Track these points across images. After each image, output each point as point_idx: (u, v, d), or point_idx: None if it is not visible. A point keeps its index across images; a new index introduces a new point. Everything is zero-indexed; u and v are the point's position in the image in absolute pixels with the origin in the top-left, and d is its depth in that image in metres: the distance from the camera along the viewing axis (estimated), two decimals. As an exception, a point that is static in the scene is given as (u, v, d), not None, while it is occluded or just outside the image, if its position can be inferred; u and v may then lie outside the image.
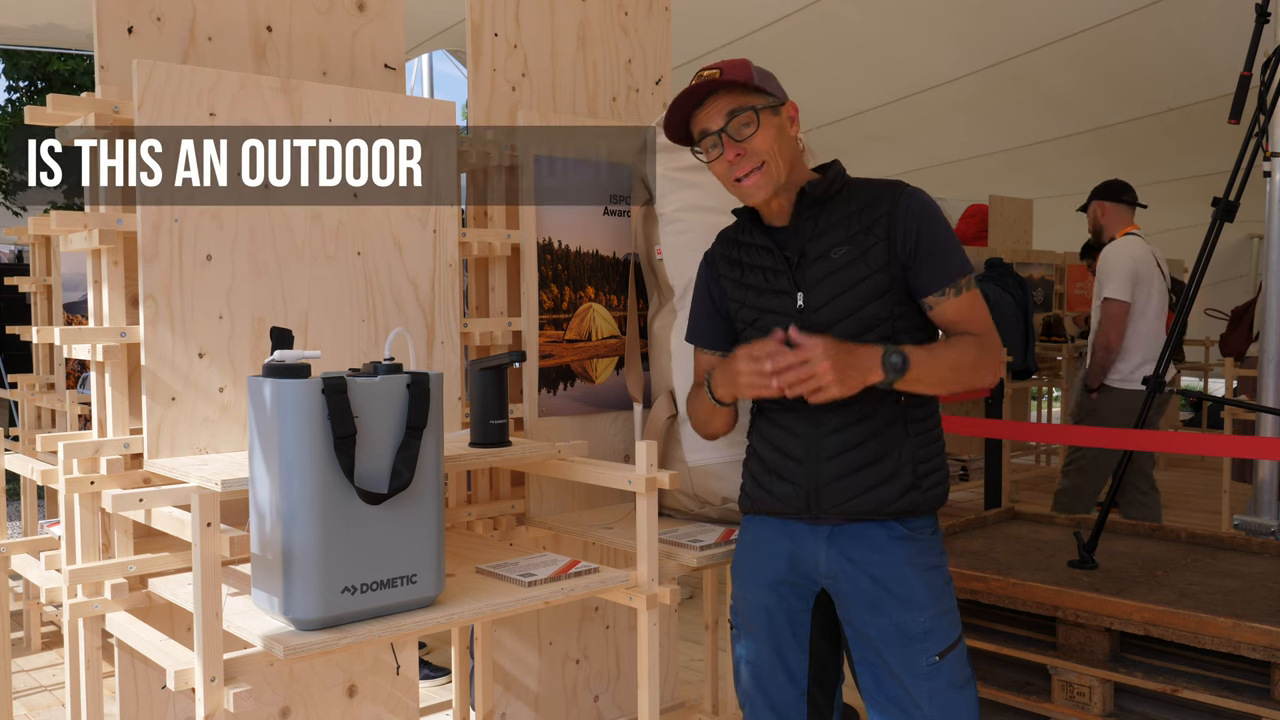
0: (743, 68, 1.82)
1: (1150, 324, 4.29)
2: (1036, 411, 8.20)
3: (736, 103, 1.81)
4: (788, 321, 1.84)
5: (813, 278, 1.84)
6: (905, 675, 1.82)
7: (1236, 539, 3.22)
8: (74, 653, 2.01)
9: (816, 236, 1.85)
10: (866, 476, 1.82)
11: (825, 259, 1.83)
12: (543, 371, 2.48)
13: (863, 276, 1.81)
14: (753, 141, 1.81)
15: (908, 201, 1.82)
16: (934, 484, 1.87)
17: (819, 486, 1.84)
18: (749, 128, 1.81)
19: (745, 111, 1.81)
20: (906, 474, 1.83)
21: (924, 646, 1.81)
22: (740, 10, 5.78)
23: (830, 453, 1.84)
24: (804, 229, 1.86)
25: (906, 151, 8.48)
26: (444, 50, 7.33)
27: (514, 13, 2.52)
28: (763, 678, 1.96)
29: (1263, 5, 3.28)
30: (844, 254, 1.82)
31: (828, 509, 1.84)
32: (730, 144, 1.82)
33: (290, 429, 1.57)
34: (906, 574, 1.82)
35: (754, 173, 1.82)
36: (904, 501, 1.83)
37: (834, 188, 1.86)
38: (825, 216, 1.85)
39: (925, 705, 1.81)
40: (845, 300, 1.81)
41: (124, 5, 1.97)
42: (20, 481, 4.43)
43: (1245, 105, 3.19)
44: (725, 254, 1.99)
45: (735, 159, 1.82)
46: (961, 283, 1.82)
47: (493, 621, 2.50)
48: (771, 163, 1.82)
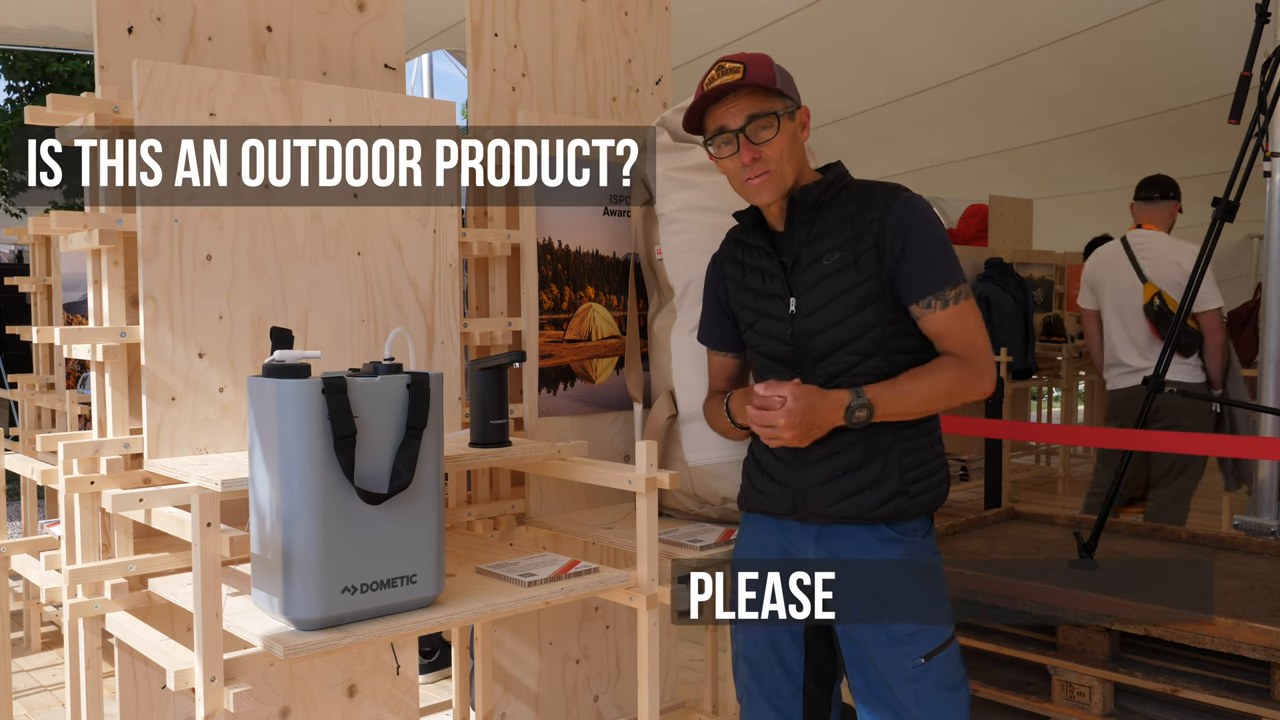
0: (766, 68, 1.82)
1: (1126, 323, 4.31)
2: (1036, 411, 8.20)
3: (759, 106, 1.81)
4: (782, 327, 1.86)
5: (805, 283, 1.85)
6: (892, 676, 1.82)
7: (1236, 539, 3.21)
8: (74, 653, 2.01)
9: (810, 242, 1.85)
10: (851, 481, 1.83)
11: (817, 265, 1.84)
12: (543, 371, 2.48)
13: (853, 283, 1.81)
14: (770, 146, 1.82)
15: (899, 207, 1.81)
16: (923, 490, 1.86)
17: (805, 489, 1.86)
18: (767, 131, 1.81)
19: (766, 116, 1.81)
20: (893, 480, 1.83)
21: (910, 648, 1.81)
22: (740, 10, 5.78)
23: (816, 457, 1.84)
24: (799, 234, 1.87)
25: (906, 151, 8.48)
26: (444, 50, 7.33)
27: (514, 13, 2.52)
28: (760, 672, 1.97)
29: (1263, 5, 3.27)
30: (836, 260, 1.82)
31: (814, 511, 1.86)
32: (746, 145, 1.82)
33: (290, 429, 1.57)
34: (894, 576, 1.82)
35: (764, 175, 1.83)
36: (889, 508, 1.83)
37: (829, 192, 1.86)
38: (820, 221, 1.85)
39: (912, 707, 1.81)
40: (835, 307, 1.82)
41: (124, 5, 1.97)
42: (20, 481, 4.43)
43: (1245, 105, 3.19)
44: (730, 255, 2.01)
45: (750, 161, 1.82)
46: (950, 294, 1.80)
47: (493, 621, 2.50)
48: (782, 168, 1.83)
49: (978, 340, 1.83)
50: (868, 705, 1.86)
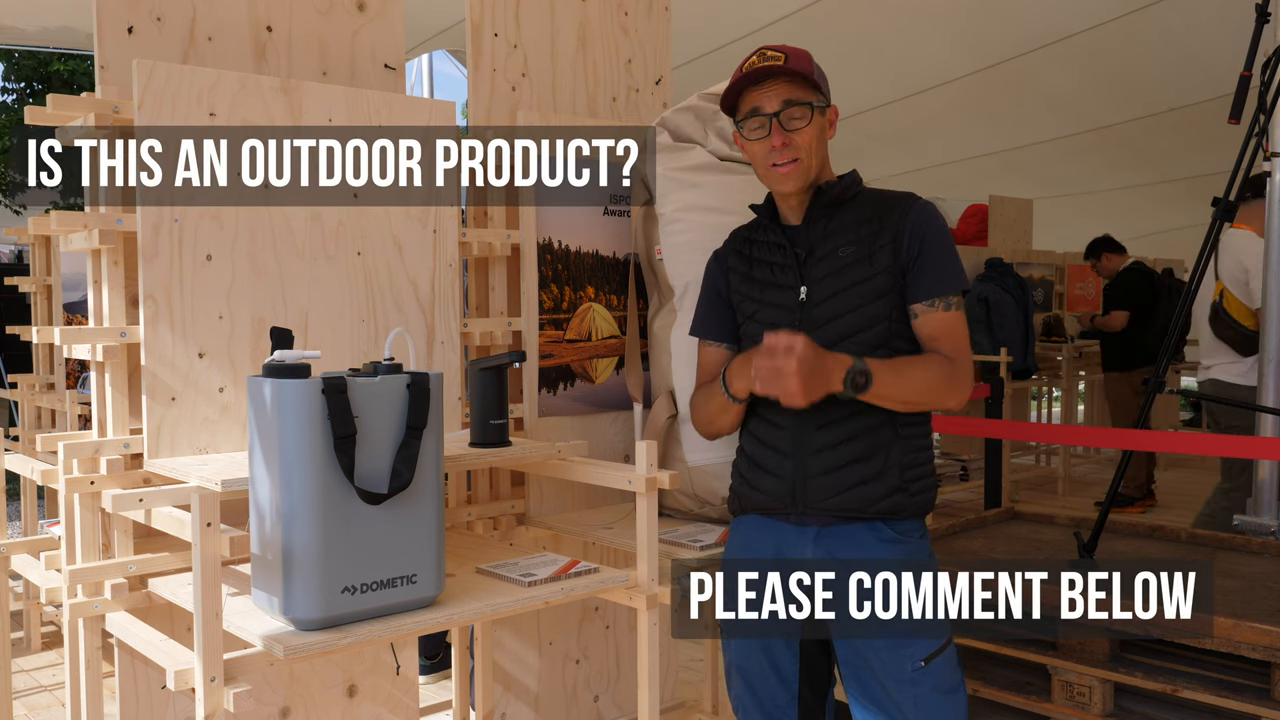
0: (806, 61, 1.87)
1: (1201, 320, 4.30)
2: (1036, 411, 8.20)
3: (795, 94, 1.85)
4: (786, 315, 1.87)
5: (818, 273, 1.87)
6: (889, 680, 1.81)
7: (1236, 539, 3.21)
8: (74, 653, 2.01)
9: (826, 236, 1.89)
10: (852, 473, 1.83)
11: (832, 256, 1.87)
12: (543, 371, 2.48)
13: (866, 276, 1.84)
14: (801, 134, 1.85)
15: (918, 210, 1.86)
16: (921, 490, 1.87)
17: (805, 480, 1.85)
18: (800, 120, 1.85)
19: (802, 105, 1.85)
20: (894, 476, 1.83)
21: (909, 651, 1.80)
22: (740, 10, 5.78)
23: (818, 447, 1.85)
24: (816, 228, 1.90)
25: (906, 151, 8.49)
26: (444, 50, 7.33)
27: (514, 13, 2.52)
28: (753, 681, 1.95)
29: (1263, 5, 3.28)
30: (850, 253, 1.86)
31: (813, 504, 1.85)
32: (779, 130, 1.85)
33: (290, 429, 1.57)
34: (892, 577, 1.82)
35: (791, 163, 1.86)
36: (889, 503, 1.83)
37: (849, 192, 1.91)
38: (837, 219, 1.89)
39: (910, 711, 1.80)
40: (847, 296, 1.84)
41: (124, 5, 1.97)
42: (20, 481, 4.43)
43: (1245, 105, 3.19)
44: (736, 249, 2.02)
45: (780, 146, 1.85)
46: (952, 299, 1.85)
47: (493, 621, 2.50)
48: (809, 159, 1.86)
49: (966, 349, 1.88)
50: (864, 709, 1.85)
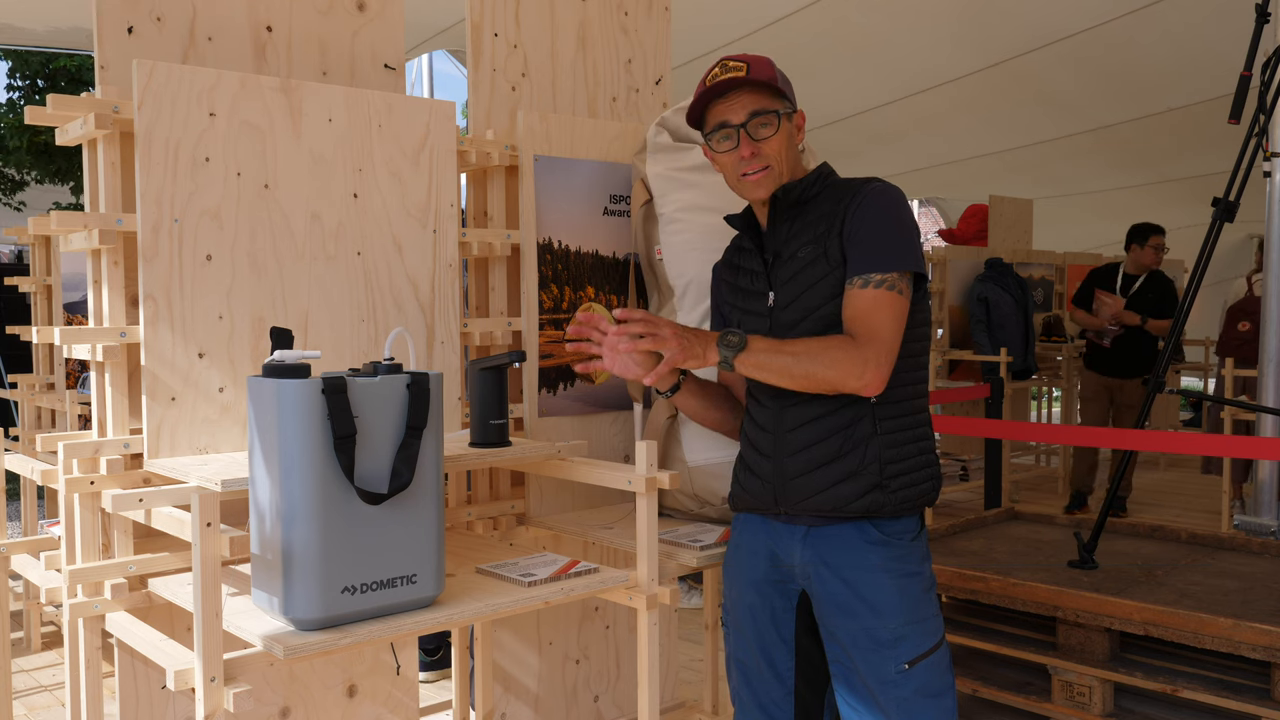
0: (768, 68, 1.86)
1: None
2: (1036, 411, 8.20)
3: (761, 103, 1.85)
4: (761, 322, 1.90)
5: (782, 277, 1.88)
6: (873, 681, 1.81)
7: (1236, 539, 3.21)
8: (74, 653, 2.01)
9: (789, 239, 1.89)
10: (828, 473, 1.82)
11: (793, 258, 1.87)
12: (543, 371, 2.48)
13: (823, 275, 1.82)
14: (769, 143, 1.85)
15: (866, 194, 1.82)
16: (904, 485, 1.83)
17: (784, 482, 1.86)
18: (768, 129, 1.85)
19: (768, 114, 1.85)
20: (871, 473, 1.81)
21: (893, 653, 1.80)
22: (740, 10, 5.78)
23: (794, 448, 1.85)
24: (780, 231, 1.91)
25: (906, 151, 8.49)
26: (444, 50, 7.33)
27: (514, 13, 2.52)
28: (750, 675, 1.97)
29: (1263, 5, 3.28)
30: (808, 253, 1.85)
31: (793, 505, 1.85)
32: (747, 141, 1.85)
33: (290, 429, 1.57)
34: (879, 579, 1.81)
35: (761, 172, 1.86)
36: (866, 501, 1.81)
37: (811, 190, 1.89)
38: (800, 219, 1.89)
39: (893, 713, 1.80)
40: (807, 298, 1.84)
41: (124, 5, 1.97)
42: (20, 481, 4.43)
43: (1245, 105, 3.19)
44: (728, 259, 2.05)
45: (749, 156, 1.86)
46: (877, 278, 1.76)
47: (493, 621, 2.50)
48: (779, 165, 1.87)
49: (882, 331, 1.75)
50: (851, 708, 1.86)
